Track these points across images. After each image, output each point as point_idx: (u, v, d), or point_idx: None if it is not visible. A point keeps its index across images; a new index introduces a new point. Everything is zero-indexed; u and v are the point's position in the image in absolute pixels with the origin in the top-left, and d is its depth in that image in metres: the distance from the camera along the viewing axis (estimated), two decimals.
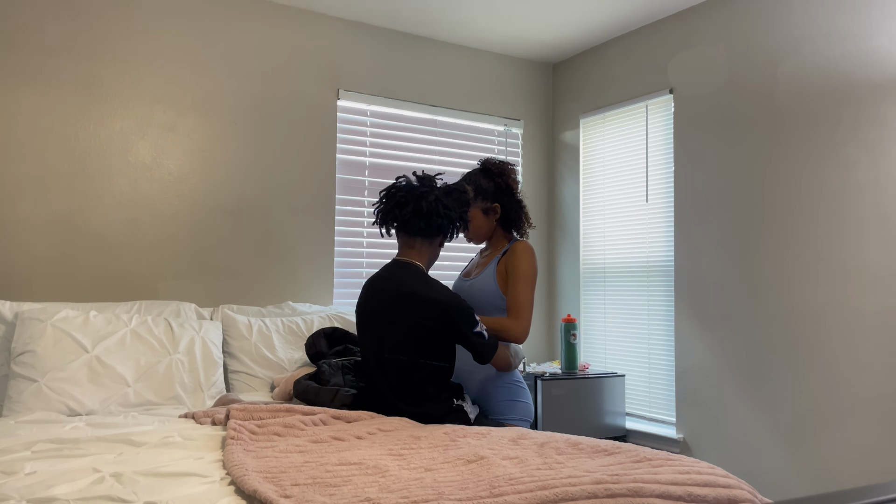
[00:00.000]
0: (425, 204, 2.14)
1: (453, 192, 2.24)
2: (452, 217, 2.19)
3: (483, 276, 2.38)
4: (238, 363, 2.83)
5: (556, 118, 4.29)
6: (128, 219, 3.04)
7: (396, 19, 3.63)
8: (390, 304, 2.10)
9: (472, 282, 2.40)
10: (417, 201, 2.14)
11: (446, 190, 2.23)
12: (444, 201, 2.17)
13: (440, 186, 2.22)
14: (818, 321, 2.83)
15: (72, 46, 2.95)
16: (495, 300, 2.34)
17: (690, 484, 1.35)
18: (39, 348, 2.42)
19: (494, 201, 2.42)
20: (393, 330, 2.09)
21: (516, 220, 2.45)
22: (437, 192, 2.18)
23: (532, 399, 3.31)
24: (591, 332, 4.00)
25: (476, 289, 2.38)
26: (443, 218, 2.16)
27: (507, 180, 2.43)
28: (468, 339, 2.10)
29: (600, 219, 3.95)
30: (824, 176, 2.84)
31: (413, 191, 2.16)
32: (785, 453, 2.92)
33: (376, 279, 2.21)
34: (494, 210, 2.42)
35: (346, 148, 3.62)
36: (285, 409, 1.99)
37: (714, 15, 3.32)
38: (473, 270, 2.47)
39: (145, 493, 1.37)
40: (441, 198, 2.17)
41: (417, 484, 1.36)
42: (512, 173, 2.45)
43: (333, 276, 3.52)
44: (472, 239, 2.47)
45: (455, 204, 2.22)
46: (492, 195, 2.42)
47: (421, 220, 2.14)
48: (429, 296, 2.06)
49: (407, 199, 2.16)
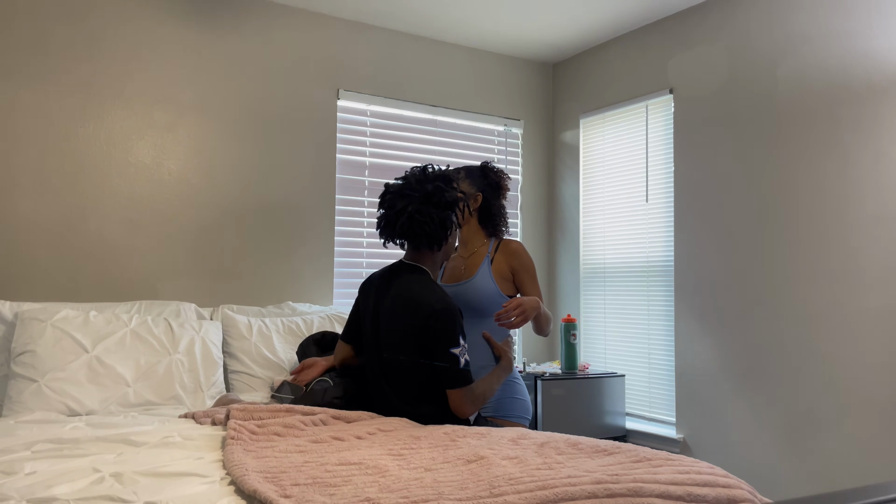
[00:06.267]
0: (401, 225, 2.09)
1: (434, 195, 2.12)
2: (432, 227, 2.09)
3: (479, 278, 2.36)
4: (238, 363, 2.83)
5: (556, 118, 4.29)
6: (128, 219, 3.04)
7: (396, 19, 3.63)
8: (390, 304, 2.10)
9: (467, 284, 2.38)
10: (396, 220, 2.10)
11: (425, 196, 2.11)
12: (418, 217, 2.07)
13: (419, 194, 2.10)
14: (818, 321, 2.83)
15: (72, 46, 2.95)
16: (496, 299, 2.34)
17: (690, 484, 1.35)
18: (39, 348, 2.42)
19: (479, 190, 2.43)
20: (392, 330, 2.08)
21: (495, 218, 2.44)
22: (413, 206, 2.08)
23: (531, 398, 3.31)
24: (591, 332, 4.00)
25: (474, 290, 2.35)
26: (420, 236, 2.09)
27: (499, 181, 2.46)
28: (437, 354, 2.00)
29: (600, 219, 3.95)
30: (824, 176, 2.84)
31: (394, 207, 2.11)
32: (785, 453, 2.92)
33: (378, 278, 2.20)
34: (475, 198, 2.43)
35: (346, 148, 3.62)
36: (285, 409, 1.99)
37: (714, 15, 3.32)
38: (462, 273, 2.43)
39: (145, 493, 1.37)
40: (416, 214, 2.07)
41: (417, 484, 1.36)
42: (506, 179, 2.48)
43: (333, 276, 3.52)
44: None
45: (435, 210, 2.10)
46: (479, 184, 2.43)
47: (408, 238, 2.11)
48: (423, 297, 2.04)
49: (393, 218, 2.11)
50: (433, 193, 2.11)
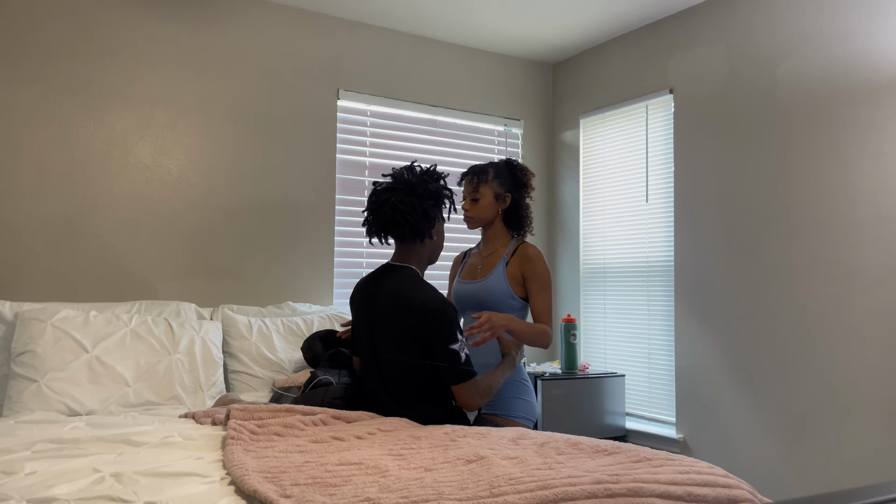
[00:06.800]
0: (384, 215, 2.09)
1: (419, 187, 2.11)
2: (414, 217, 2.08)
3: (493, 278, 2.36)
4: (238, 363, 2.83)
5: (556, 118, 4.29)
6: (128, 219, 3.04)
7: (396, 19, 3.63)
8: (382, 306, 2.09)
9: (481, 283, 2.37)
10: (378, 211, 2.10)
11: (409, 188, 2.11)
12: (401, 207, 2.07)
13: (403, 186, 2.10)
14: (818, 321, 2.83)
15: (72, 46, 2.95)
16: (507, 300, 2.33)
17: (690, 484, 1.35)
18: (39, 348, 2.42)
19: (508, 191, 2.42)
20: (387, 332, 2.08)
21: (522, 219, 2.44)
22: (397, 196, 2.08)
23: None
24: (591, 332, 4.00)
25: (486, 290, 2.35)
26: (403, 226, 2.08)
27: (525, 179, 2.45)
28: (437, 352, 2.00)
29: (600, 219, 3.95)
30: (824, 176, 2.84)
31: (378, 198, 2.12)
32: (785, 453, 2.92)
33: (367, 282, 2.19)
34: (504, 199, 2.42)
35: (346, 148, 3.62)
36: (285, 409, 1.99)
37: (714, 15, 3.32)
38: (479, 272, 2.44)
39: (145, 493, 1.37)
40: (399, 204, 2.07)
41: (417, 484, 1.36)
42: (531, 177, 2.47)
43: (333, 276, 3.52)
44: (471, 219, 2.41)
45: (418, 201, 2.09)
46: (508, 184, 2.42)
47: (391, 229, 2.11)
48: (415, 296, 2.03)
49: (375, 211, 2.12)
50: (417, 185, 2.11)
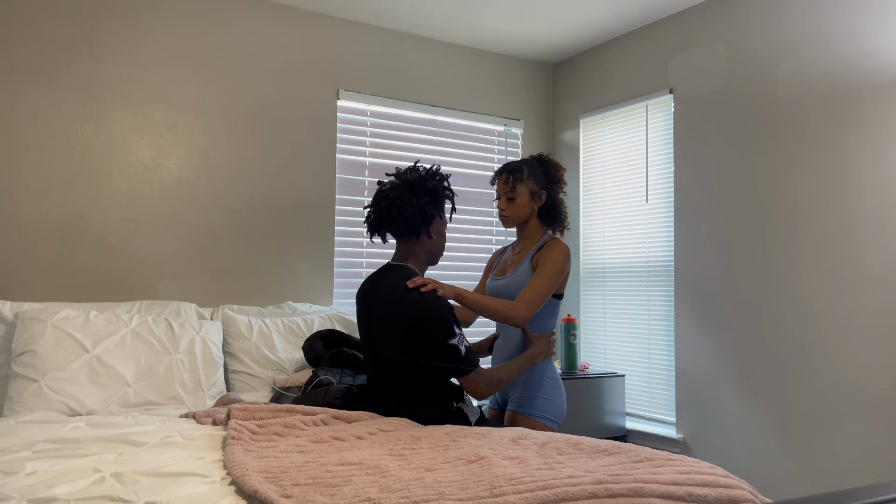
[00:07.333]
0: (381, 210, 2.12)
1: (416, 184, 2.13)
2: (410, 212, 2.09)
3: (518, 273, 2.35)
4: (238, 363, 2.83)
5: (556, 118, 4.29)
6: (128, 219, 3.04)
7: (396, 19, 3.63)
8: (379, 305, 2.10)
9: (508, 279, 2.37)
10: (376, 207, 2.14)
11: (408, 186, 2.13)
12: (398, 203, 2.09)
13: (403, 183, 2.13)
14: (818, 321, 2.83)
15: (72, 46, 2.95)
16: None
17: (691, 484, 1.35)
18: (40, 348, 2.42)
19: (543, 188, 2.41)
20: (385, 331, 2.09)
21: (557, 215, 2.44)
22: (395, 192, 2.11)
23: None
24: (591, 332, 4.00)
25: (512, 286, 2.34)
26: (398, 221, 2.10)
27: (558, 174, 2.44)
28: (436, 349, 2.01)
29: (600, 219, 3.95)
30: (824, 176, 2.84)
31: (378, 195, 2.16)
32: (785, 453, 2.92)
33: (368, 282, 2.21)
34: (540, 196, 2.40)
35: (346, 148, 3.62)
36: (286, 409, 1.99)
37: (714, 15, 3.32)
38: (508, 268, 2.43)
39: (146, 493, 1.37)
40: (396, 199, 2.09)
41: (418, 484, 1.36)
42: (563, 172, 2.46)
43: (333, 276, 3.52)
44: (507, 218, 2.40)
45: (415, 197, 2.11)
46: (542, 181, 2.41)
47: (388, 225, 2.13)
48: (410, 295, 2.04)
49: (374, 208, 2.16)
50: (415, 183, 2.13)
